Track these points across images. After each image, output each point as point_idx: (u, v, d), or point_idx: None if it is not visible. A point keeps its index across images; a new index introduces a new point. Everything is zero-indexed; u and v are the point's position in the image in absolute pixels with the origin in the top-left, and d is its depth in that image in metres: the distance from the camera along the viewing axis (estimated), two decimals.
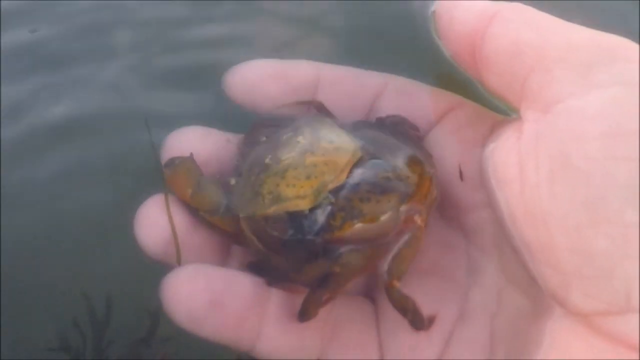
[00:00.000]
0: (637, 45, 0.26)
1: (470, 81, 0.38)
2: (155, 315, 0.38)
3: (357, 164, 0.31)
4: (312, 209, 0.30)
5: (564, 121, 0.26)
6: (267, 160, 0.32)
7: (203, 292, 0.30)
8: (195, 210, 0.33)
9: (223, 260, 0.34)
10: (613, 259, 0.24)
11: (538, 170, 0.27)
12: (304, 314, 0.30)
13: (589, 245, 0.25)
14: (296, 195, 0.30)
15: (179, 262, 0.32)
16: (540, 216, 0.27)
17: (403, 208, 0.30)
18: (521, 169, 0.28)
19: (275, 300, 0.31)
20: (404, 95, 0.36)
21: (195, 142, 0.35)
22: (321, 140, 0.32)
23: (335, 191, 0.30)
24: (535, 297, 0.28)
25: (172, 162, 0.33)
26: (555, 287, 0.27)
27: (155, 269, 0.32)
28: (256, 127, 0.36)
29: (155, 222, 0.32)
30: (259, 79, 0.36)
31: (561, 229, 0.26)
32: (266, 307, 0.31)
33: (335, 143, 0.32)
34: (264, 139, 0.35)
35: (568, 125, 0.26)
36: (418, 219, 0.30)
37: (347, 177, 0.30)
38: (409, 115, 0.35)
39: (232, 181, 0.34)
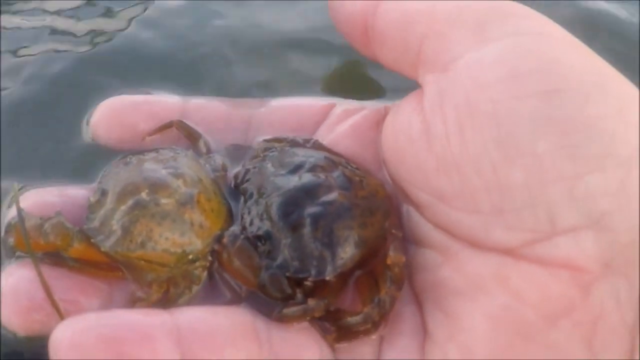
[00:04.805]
0: (526, 7, 0.28)
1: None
2: None
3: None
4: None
5: (465, 73, 0.28)
6: (143, 195, 0.30)
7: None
8: (58, 256, 0.30)
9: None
10: (533, 189, 0.25)
11: (445, 122, 0.28)
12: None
13: (506, 180, 0.26)
14: (164, 249, 0.30)
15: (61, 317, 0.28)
16: (453, 164, 0.27)
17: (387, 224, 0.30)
18: (427, 126, 0.29)
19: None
20: (280, 109, 0.36)
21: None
22: (202, 192, 0.31)
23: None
24: (440, 247, 0.29)
25: (9, 225, 0.30)
26: (472, 230, 0.27)
27: None
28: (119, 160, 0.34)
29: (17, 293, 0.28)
30: (121, 110, 0.35)
31: (476, 171, 0.27)
32: None
33: (213, 202, 0.32)
34: (132, 160, 0.33)
35: (469, 76, 0.27)
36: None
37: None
38: (291, 126, 0.35)
39: (92, 198, 0.32)
